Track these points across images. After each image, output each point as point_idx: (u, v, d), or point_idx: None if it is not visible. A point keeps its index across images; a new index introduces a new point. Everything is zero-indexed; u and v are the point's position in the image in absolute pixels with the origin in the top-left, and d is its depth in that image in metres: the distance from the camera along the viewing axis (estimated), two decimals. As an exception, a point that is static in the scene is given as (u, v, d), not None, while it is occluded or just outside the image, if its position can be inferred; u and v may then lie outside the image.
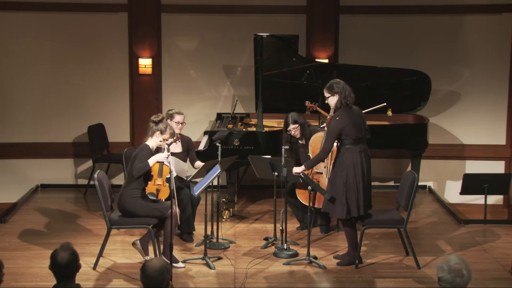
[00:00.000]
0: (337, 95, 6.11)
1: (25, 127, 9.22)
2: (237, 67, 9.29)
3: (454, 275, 3.68)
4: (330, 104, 6.21)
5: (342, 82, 6.18)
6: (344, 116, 6.07)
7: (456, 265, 3.70)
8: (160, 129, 6.18)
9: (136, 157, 6.11)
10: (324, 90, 6.21)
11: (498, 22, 9.17)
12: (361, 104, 7.40)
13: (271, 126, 8.25)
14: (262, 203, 8.46)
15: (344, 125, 6.05)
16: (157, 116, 6.25)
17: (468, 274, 3.71)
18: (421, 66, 8.77)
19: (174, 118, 6.86)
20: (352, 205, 6.10)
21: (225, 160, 6.56)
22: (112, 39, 9.19)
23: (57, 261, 3.88)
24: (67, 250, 3.92)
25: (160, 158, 6.14)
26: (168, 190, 6.08)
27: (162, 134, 6.18)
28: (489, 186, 7.85)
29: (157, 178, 6.13)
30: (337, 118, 6.08)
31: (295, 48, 8.25)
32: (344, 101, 6.08)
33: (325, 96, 6.19)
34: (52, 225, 7.60)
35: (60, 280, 3.92)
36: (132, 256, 6.48)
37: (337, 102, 6.11)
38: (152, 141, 6.22)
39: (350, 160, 6.08)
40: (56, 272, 3.91)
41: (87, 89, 9.24)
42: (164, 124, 6.22)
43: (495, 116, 9.31)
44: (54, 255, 3.90)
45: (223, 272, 6.12)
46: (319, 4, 9.12)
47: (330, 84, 6.18)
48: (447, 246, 6.94)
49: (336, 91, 6.11)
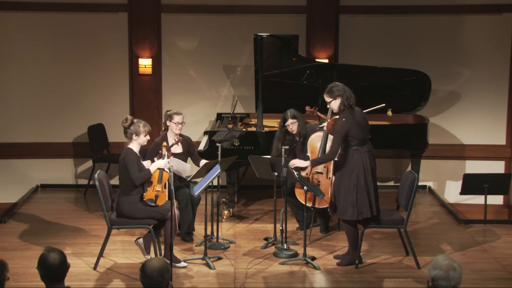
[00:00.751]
0: (339, 98, 6.11)
1: (25, 127, 9.22)
2: (237, 67, 9.29)
3: (446, 270, 3.72)
4: (332, 108, 6.21)
5: (341, 85, 6.18)
6: (349, 117, 6.08)
7: (445, 261, 3.75)
8: (134, 132, 6.13)
9: (127, 163, 6.07)
10: (324, 95, 6.20)
11: (498, 22, 9.17)
12: (361, 104, 7.42)
13: (271, 126, 8.24)
14: (262, 203, 8.46)
15: (350, 126, 6.06)
16: (126, 121, 6.17)
17: (459, 267, 3.75)
18: (421, 66, 8.77)
19: (173, 119, 6.85)
20: (364, 207, 6.09)
21: (225, 160, 6.56)
22: (112, 39, 9.19)
23: (50, 263, 3.83)
24: (54, 251, 3.89)
25: (160, 165, 6.13)
26: (166, 196, 6.09)
27: (138, 135, 6.14)
28: (489, 186, 7.85)
29: (156, 185, 6.13)
30: (342, 119, 6.09)
31: (295, 48, 8.25)
32: (347, 103, 6.09)
33: (327, 100, 6.19)
34: (52, 225, 7.60)
35: (52, 282, 3.87)
36: (132, 256, 6.48)
37: (340, 105, 6.11)
38: (133, 145, 6.17)
39: (359, 161, 6.08)
40: (49, 275, 3.86)
41: (87, 89, 9.24)
42: (135, 125, 6.14)
43: (495, 116, 9.31)
44: (44, 258, 3.84)
45: (223, 272, 6.12)
46: (319, 4, 9.12)
47: (329, 88, 6.18)
48: (447, 246, 6.94)
49: (338, 94, 6.11)
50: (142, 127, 6.14)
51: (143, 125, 6.16)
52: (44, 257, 3.87)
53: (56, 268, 3.84)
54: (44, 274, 3.88)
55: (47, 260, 3.84)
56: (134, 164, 6.06)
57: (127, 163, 6.07)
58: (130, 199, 6.11)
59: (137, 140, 6.15)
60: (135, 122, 6.17)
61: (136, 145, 6.18)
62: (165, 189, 6.11)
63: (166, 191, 6.10)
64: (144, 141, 6.19)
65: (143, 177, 6.09)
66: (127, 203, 6.11)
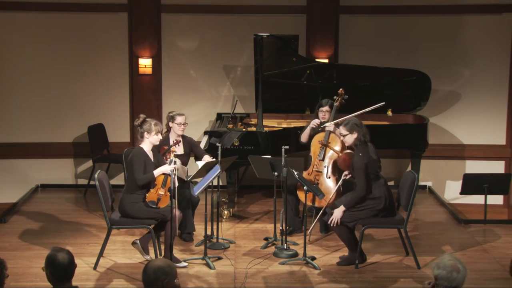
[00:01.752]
0: (355, 133, 6.20)
1: (25, 127, 9.22)
2: (237, 67, 9.29)
3: (449, 270, 3.71)
4: (346, 142, 6.29)
5: (358, 121, 6.29)
6: (365, 152, 6.19)
7: (450, 261, 3.74)
8: (146, 130, 6.13)
9: (133, 162, 6.08)
10: (341, 127, 6.30)
11: (498, 22, 9.17)
12: (361, 104, 7.43)
13: (271, 126, 8.25)
14: (262, 203, 8.47)
15: (368, 159, 6.16)
16: (138, 119, 6.18)
17: (463, 269, 3.73)
18: (421, 66, 8.77)
19: (176, 120, 6.86)
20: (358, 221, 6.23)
21: (225, 160, 6.56)
22: (112, 39, 9.19)
23: (59, 262, 3.86)
24: (62, 250, 3.92)
25: (166, 171, 6.13)
26: (168, 200, 6.09)
27: (150, 133, 6.13)
28: (489, 186, 7.85)
29: (160, 188, 6.12)
30: (359, 154, 6.18)
31: (295, 48, 8.25)
32: (363, 139, 6.19)
33: (342, 133, 6.27)
34: (52, 225, 7.60)
35: (62, 282, 3.89)
36: (132, 256, 6.48)
37: (355, 140, 6.21)
38: (145, 144, 6.18)
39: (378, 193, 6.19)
40: (59, 274, 3.88)
41: (87, 89, 9.24)
42: (147, 123, 6.14)
43: (495, 116, 9.31)
44: (53, 258, 3.87)
45: (223, 272, 6.12)
46: (319, 4, 9.12)
47: (348, 122, 6.27)
48: (447, 246, 6.94)
49: (355, 130, 6.20)
50: (154, 126, 6.14)
51: (155, 124, 6.16)
52: (52, 257, 3.89)
53: (66, 267, 3.88)
54: (54, 273, 3.90)
55: (56, 259, 3.87)
56: (139, 165, 6.06)
57: (133, 162, 6.08)
58: (134, 197, 6.11)
59: (148, 139, 6.15)
60: (147, 120, 6.17)
61: (148, 144, 6.18)
62: (168, 193, 6.11)
63: (169, 195, 6.10)
64: (156, 140, 6.17)
65: (146, 179, 6.09)
66: (129, 201, 6.11)
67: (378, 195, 6.17)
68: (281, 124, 8.52)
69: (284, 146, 6.37)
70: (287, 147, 6.43)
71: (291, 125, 8.39)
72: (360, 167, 6.16)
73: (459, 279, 3.71)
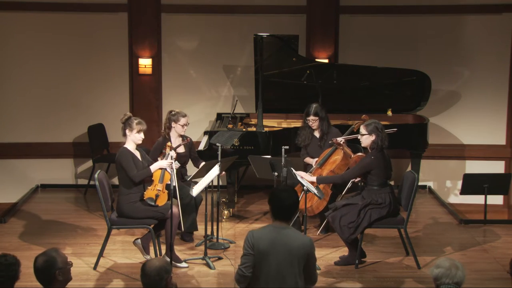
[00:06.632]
0: (374, 136, 6.18)
1: (25, 127, 9.22)
2: (237, 67, 9.29)
3: (448, 267, 3.74)
4: (363, 142, 6.29)
5: (380, 124, 6.27)
6: (379, 158, 6.19)
7: (447, 261, 3.78)
8: (127, 127, 6.09)
9: (121, 163, 6.05)
10: (361, 127, 6.28)
11: (498, 22, 9.17)
12: (361, 104, 7.43)
13: (271, 126, 8.25)
14: (262, 203, 8.46)
15: (378, 165, 6.16)
16: (124, 116, 6.16)
17: (461, 266, 3.77)
18: (421, 66, 8.77)
19: (179, 121, 6.86)
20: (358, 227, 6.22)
21: (225, 160, 6.56)
22: (112, 39, 9.19)
23: (34, 266, 4.01)
24: (42, 255, 4.06)
25: (163, 165, 6.12)
26: (166, 196, 6.08)
27: (131, 131, 6.08)
28: (489, 186, 7.85)
29: (157, 184, 6.12)
30: (372, 157, 6.18)
31: (295, 48, 8.25)
32: (381, 144, 6.17)
33: (361, 132, 6.26)
34: (52, 225, 7.60)
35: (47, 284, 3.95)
36: (132, 256, 6.49)
37: (372, 143, 6.20)
38: (128, 143, 6.14)
39: (382, 199, 6.19)
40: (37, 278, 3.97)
41: (87, 89, 9.24)
42: (129, 121, 6.10)
43: (495, 116, 9.31)
44: (53, 260, 3.96)
45: (223, 272, 6.12)
46: (319, 4, 9.12)
47: (369, 123, 6.25)
48: (447, 246, 6.95)
49: (375, 132, 6.18)
50: (136, 124, 6.09)
51: (138, 122, 6.11)
52: (52, 260, 3.99)
53: (40, 271, 3.99)
54: (46, 277, 4.00)
55: (34, 263, 4.02)
56: (128, 163, 6.03)
57: (122, 163, 6.05)
58: (130, 197, 6.10)
59: (130, 137, 6.11)
60: (130, 118, 6.15)
61: (131, 143, 6.15)
62: (166, 189, 6.10)
63: (167, 192, 6.09)
64: (137, 138, 6.12)
65: (142, 175, 6.07)
66: (126, 202, 6.10)
67: (382, 201, 6.17)
68: (281, 124, 8.52)
69: (284, 146, 6.37)
70: (287, 147, 6.43)
71: (291, 125, 8.39)
72: (364, 165, 6.17)
73: (459, 275, 3.74)
